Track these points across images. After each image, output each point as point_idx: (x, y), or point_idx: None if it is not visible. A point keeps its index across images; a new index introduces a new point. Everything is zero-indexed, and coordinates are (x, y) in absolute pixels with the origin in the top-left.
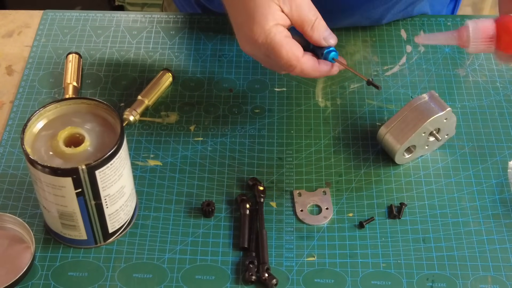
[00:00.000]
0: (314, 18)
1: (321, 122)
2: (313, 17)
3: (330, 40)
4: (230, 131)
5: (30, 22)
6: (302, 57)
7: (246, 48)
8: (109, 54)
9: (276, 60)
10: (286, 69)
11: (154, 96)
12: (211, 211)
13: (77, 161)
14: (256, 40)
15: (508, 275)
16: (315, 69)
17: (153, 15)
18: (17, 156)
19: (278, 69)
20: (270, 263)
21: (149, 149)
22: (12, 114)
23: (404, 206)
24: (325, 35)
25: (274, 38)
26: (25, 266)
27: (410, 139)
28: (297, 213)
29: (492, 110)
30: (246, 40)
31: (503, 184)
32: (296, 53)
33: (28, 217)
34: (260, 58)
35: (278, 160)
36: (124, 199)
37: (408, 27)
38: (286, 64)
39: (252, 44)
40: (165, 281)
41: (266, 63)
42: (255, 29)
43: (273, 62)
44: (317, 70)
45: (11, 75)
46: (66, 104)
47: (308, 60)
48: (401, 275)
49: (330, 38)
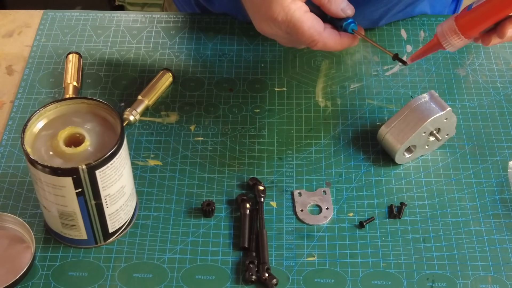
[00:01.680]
0: None
1: (321, 122)
2: None
3: (347, 10)
4: (230, 131)
5: (30, 22)
6: (324, 31)
7: (265, 28)
8: (109, 54)
9: (298, 37)
10: (308, 44)
11: (154, 96)
12: (211, 211)
13: (77, 161)
14: (276, 18)
15: (508, 275)
16: (337, 42)
17: (153, 15)
18: (17, 156)
19: (298, 45)
20: (270, 263)
21: (149, 149)
22: (12, 114)
23: (404, 206)
24: (343, 6)
25: (294, 14)
26: (25, 266)
27: (410, 139)
28: (297, 213)
29: (493, 110)
30: (265, 20)
31: (503, 184)
32: (317, 28)
33: (28, 217)
34: (280, 37)
35: (278, 160)
36: (124, 199)
37: (408, 27)
38: (309, 40)
39: (272, 22)
40: (165, 281)
41: (286, 41)
42: (274, 7)
43: (294, 39)
44: (339, 43)
45: (11, 75)
46: (66, 104)
47: (330, 34)
48: (401, 275)
49: (348, 9)
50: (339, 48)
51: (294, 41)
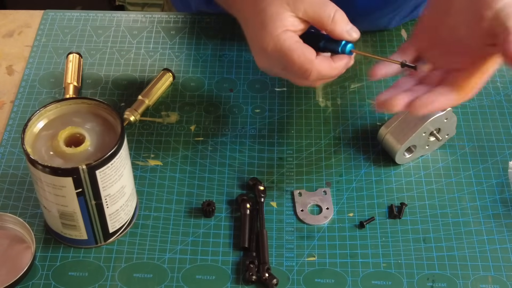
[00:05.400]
0: (333, 12)
1: (321, 122)
2: (331, 11)
3: (353, 33)
4: (230, 131)
5: (31, 22)
6: (315, 59)
7: (261, 62)
8: (109, 54)
9: (290, 67)
10: (301, 75)
11: (155, 96)
12: (211, 211)
13: (78, 161)
14: (266, 48)
15: (508, 275)
16: (332, 67)
17: (153, 15)
18: (18, 156)
19: (295, 78)
20: (271, 263)
21: (149, 149)
22: (13, 114)
23: (404, 206)
24: (348, 28)
25: (284, 44)
26: (25, 266)
27: (410, 139)
28: (298, 213)
29: (493, 110)
30: (258, 52)
31: (503, 184)
32: (308, 56)
33: (28, 217)
34: (277, 71)
35: (279, 160)
36: (124, 199)
37: (409, 27)
38: (301, 69)
39: (264, 54)
40: (165, 281)
41: (284, 75)
42: (264, 37)
43: (289, 71)
44: (334, 68)
45: (12, 75)
46: (67, 104)
47: (322, 61)
48: (401, 275)
49: (353, 32)
50: (335, 73)
51: (290, 74)
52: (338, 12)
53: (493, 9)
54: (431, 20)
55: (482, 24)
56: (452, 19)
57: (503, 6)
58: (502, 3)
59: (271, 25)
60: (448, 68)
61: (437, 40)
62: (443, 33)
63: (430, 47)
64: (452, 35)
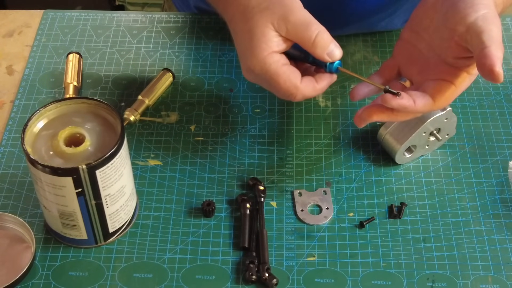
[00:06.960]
0: (314, 34)
1: (321, 121)
2: (313, 33)
3: (335, 54)
4: (230, 131)
5: (31, 21)
6: (300, 84)
7: (249, 77)
8: (109, 53)
9: (276, 90)
10: (287, 97)
11: (155, 96)
12: (211, 211)
13: (78, 161)
14: (253, 70)
15: (508, 275)
16: (316, 89)
17: (153, 15)
18: (18, 156)
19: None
20: (271, 263)
21: (149, 149)
22: (13, 113)
23: (404, 206)
24: (329, 50)
25: (270, 68)
26: (25, 265)
27: (410, 139)
28: (298, 213)
29: (493, 110)
30: (246, 70)
31: (503, 184)
32: (293, 81)
33: (28, 216)
34: (264, 86)
35: (279, 159)
36: (124, 198)
37: None
38: (286, 93)
39: (251, 73)
40: (165, 281)
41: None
42: (251, 59)
43: (275, 92)
44: (318, 89)
45: (12, 74)
46: (67, 104)
47: (307, 85)
48: (401, 275)
49: (335, 53)
50: (319, 93)
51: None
52: (319, 35)
53: (466, 23)
54: (410, 36)
55: (455, 38)
56: (428, 35)
57: (475, 20)
58: (473, 18)
59: (258, 47)
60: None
61: (415, 56)
62: (421, 49)
63: (409, 63)
64: (429, 51)
